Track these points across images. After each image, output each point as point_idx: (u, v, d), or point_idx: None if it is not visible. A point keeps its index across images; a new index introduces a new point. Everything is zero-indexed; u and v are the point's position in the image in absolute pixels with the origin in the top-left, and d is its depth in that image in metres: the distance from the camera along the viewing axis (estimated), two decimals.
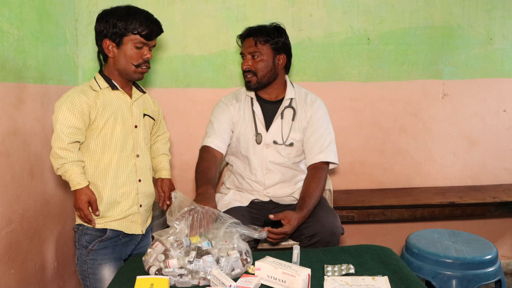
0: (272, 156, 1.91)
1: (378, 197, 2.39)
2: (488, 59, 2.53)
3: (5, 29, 1.63)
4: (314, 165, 1.89)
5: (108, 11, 1.56)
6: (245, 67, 1.86)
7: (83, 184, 1.45)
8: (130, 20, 1.53)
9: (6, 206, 1.63)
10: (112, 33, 1.53)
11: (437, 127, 2.58)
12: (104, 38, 1.55)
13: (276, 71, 1.89)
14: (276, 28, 1.88)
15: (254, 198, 1.94)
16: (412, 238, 1.95)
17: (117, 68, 1.58)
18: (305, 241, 1.76)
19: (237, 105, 1.95)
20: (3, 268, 1.60)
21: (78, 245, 1.57)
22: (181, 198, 1.44)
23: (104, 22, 1.54)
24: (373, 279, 1.25)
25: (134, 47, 1.55)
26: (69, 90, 1.52)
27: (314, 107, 1.92)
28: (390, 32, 2.47)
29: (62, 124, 1.44)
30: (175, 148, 2.47)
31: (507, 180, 2.65)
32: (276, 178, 1.92)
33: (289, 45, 1.91)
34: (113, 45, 1.55)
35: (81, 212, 1.47)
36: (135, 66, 1.57)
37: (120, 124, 1.56)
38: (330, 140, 1.91)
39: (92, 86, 1.56)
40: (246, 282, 1.23)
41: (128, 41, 1.54)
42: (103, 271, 1.56)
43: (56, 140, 1.43)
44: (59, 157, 1.43)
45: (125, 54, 1.55)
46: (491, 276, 1.77)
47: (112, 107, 1.55)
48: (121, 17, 1.52)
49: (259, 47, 1.83)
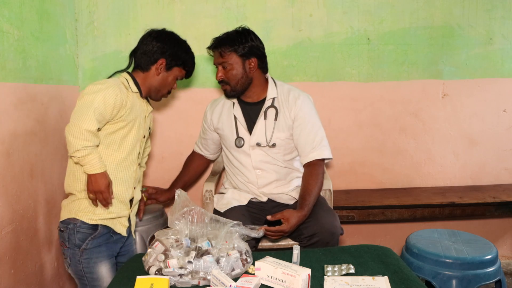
0: (261, 155, 1.90)
1: (378, 197, 2.39)
2: (488, 59, 2.53)
3: (5, 29, 1.63)
4: (310, 163, 1.88)
5: (178, 39, 1.72)
6: (218, 78, 1.86)
7: (104, 168, 1.48)
8: (188, 57, 1.72)
9: (6, 206, 1.63)
10: (173, 58, 1.67)
11: (437, 127, 2.58)
12: (163, 57, 1.66)
13: (249, 75, 1.85)
14: (241, 33, 1.83)
15: (251, 197, 1.94)
16: (412, 238, 1.95)
17: (150, 84, 1.68)
18: (304, 241, 1.76)
19: (219, 110, 2.00)
20: (3, 268, 1.60)
21: (69, 244, 1.54)
22: (184, 197, 1.44)
23: (173, 46, 1.67)
24: (373, 279, 1.25)
25: (174, 78, 1.72)
26: (108, 80, 1.57)
27: (298, 104, 1.88)
28: (390, 32, 2.46)
29: (96, 109, 1.45)
30: (175, 148, 2.47)
31: (507, 180, 2.65)
32: (271, 177, 1.92)
33: (258, 46, 1.85)
34: (164, 68, 1.67)
35: (102, 195, 1.48)
36: (167, 92, 1.74)
37: (136, 129, 1.62)
38: (321, 136, 1.89)
39: (124, 84, 1.61)
40: (246, 282, 1.23)
41: (176, 71, 1.70)
42: (100, 269, 1.56)
43: (86, 122, 1.43)
44: (84, 139, 1.42)
45: (167, 79, 1.69)
46: (491, 276, 1.77)
47: (136, 112, 1.61)
48: (185, 50, 1.71)
49: (225, 57, 1.81)
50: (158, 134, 2.45)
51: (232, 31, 1.86)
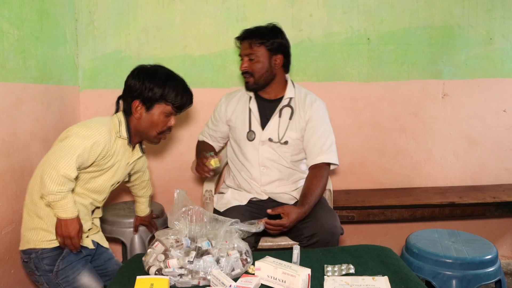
0: (268, 153, 1.92)
1: (378, 197, 2.39)
2: (488, 59, 2.53)
3: (5, 29, 1.63)
4: (316, 166, 1.89)
5: (148, 72, 1.51)
6: (242, 69, 1.88)
7: (76, 213, 1.41)
8: (168, 89, 1.50)
9: (6, 206, 1.63)
10: (145, 97, 1.50)
11: (437, 127, 2.58)
12: (135, 99, 1.51)
13: (273, 71, 1.89)
14: (272, 29, 1.88)
15: (252, 197, 1.94)
16: (412, 238, 1.95)
17: (139, 129, 1.56)
18: (304, 241, 1.76)
19: (235, 102, 1.99)
20: (3, 268, 1.60)
21: (39, 272, 1.47)
22: (183, 197, 1.44)
23: (140, 83, 1.50)
24: (373, 279, 1.25)
25: (162, 115, 1.54)
26: (98, 123, 1.45)
27: (314, 107, 1.93)
28: (390, 32, 2.46)
29: (80, 156, 1.37)
30: (175, 148, 2.48)
31: (507, 180, 2.65)
32: (274, 175, 1.93)
33: (286, 45, 1.91)
34: (143, 108, 1.52)
35: (72, 241, 1.40)
36: (158, 133, 1.57)
37: (109, 175, 1.54)
38: (331, 141, 1.92)
39: (116, 129, 1.52)
40: (246, 282, 1.23)
41: (159, 108, 1.53)
42: (81, 281, 1.50)
43: (67, 168, 1.34)
44: (60, 184, 1.34)
45: (152, 119, 1.54)
46: (491, 276, 1.77)
47: (116, 158, 1.53)
48: (159, 83, 1.49)
49: (254, 49, 1.84)
50: None
51: (263, 26, 1.90)
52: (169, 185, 2.47)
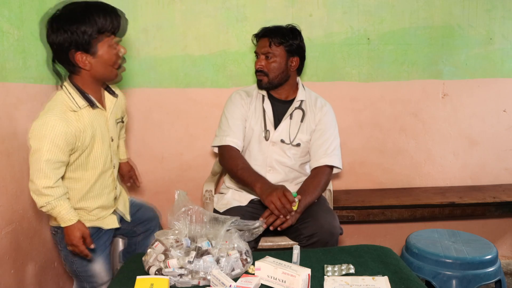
0: (278, 154, 1.92)
1: (378, 197, 2.39)
2: (488, 59, 2.52)
3: (5, 29, 1.63)
4: (318, 168, 1.90)
5: (61, 17, 1.31)
6: (258, 67, 1.87)
7: (74, 220, 1.39)
8: (98, 20, 1.32)
9: (6, 206, 1.63)
10: (82, 43, 1.32)
11: (437, 127, 2.58)
12: (71, 50, 1.33)
13: (288, 73, 1.90)
14: (292, 30, 1.89)
15: (253, 198, 1.94)
16: (412, 238, 1.95)
17: (95, 77, 1.42)
18: (303, 241, 1.76)
19: (248, 100, 1.97)
20: (3, 268, 1.60)
21: (61, 247, 1.54)
22: (183, 198, 1.44)
23: (63, 32, 1.31)
24: (373, 279, 1.25)
25: (110, 49, 1.38)
26: (47, 114, 1.32)
27: (324, 111, 1.95)
28: (390, 32, 2.46)
29: (48, 161, 1.30)
30: (175, 148, 2.47)
31: (507, 180, 2.65)
32: (279, 177, 1.93)
33: (303, 48, 1.92)
34: (88, 56, 1.36)
35: (76, 249, 1.42)
36: (117, 69, 1.44)
37: (99, 142, 1.48)
38: (335, 145, 1.93)
39: (69, 105, 1.38)
40: (246, 282, 1.23)
41: (103, 45, 1.37)
42: (93, 267, 1.56)
43: (41, 178, 1.30)
44: (44, 195, 1.33)
45: (103, 60, 1.38)
46: (491, 276, 1.77)
47: (92, 127, 1.43)
48: (85, 20, 1.30)
49: (273, 48, 1.85)
50: (158, 134, 2.45)
51: (283, 26, 1.90)
52: (169, 185, 2.47)
